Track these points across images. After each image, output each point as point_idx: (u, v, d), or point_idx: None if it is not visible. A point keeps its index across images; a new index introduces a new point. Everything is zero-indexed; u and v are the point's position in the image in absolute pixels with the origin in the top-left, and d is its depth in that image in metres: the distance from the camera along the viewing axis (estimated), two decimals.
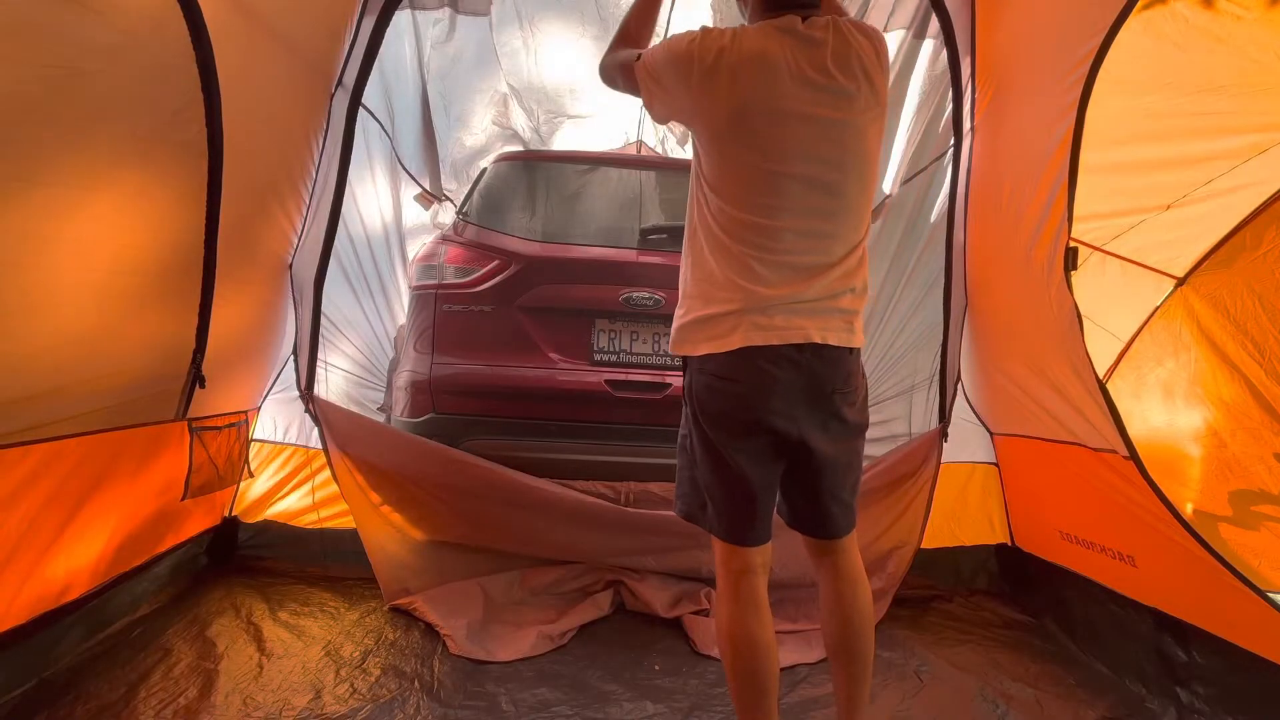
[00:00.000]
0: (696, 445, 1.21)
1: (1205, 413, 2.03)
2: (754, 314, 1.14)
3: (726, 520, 1.19)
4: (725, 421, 1.16)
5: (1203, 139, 1.83)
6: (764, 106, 1.13)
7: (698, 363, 1.19)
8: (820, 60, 1.15)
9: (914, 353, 2.62)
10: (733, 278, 1.15)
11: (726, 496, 1.19)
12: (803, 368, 1.15)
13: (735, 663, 1.16)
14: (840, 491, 1.25)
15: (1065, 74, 1.74)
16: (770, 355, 1.13)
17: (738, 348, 1.13)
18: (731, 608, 1.17)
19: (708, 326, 1.17)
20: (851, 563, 1.27)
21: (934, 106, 2.55)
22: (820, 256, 1.17)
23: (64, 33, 1.15)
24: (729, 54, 1.14)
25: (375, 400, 2.61)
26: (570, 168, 2.40)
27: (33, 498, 1.37)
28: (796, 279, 1.15)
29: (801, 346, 1.14)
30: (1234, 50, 1.62)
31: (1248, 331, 1.95)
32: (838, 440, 1.21)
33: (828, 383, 1.18)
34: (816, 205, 1.16)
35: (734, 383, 1.15)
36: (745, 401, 1.15)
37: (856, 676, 1.24)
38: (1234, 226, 2.00)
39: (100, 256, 1.41)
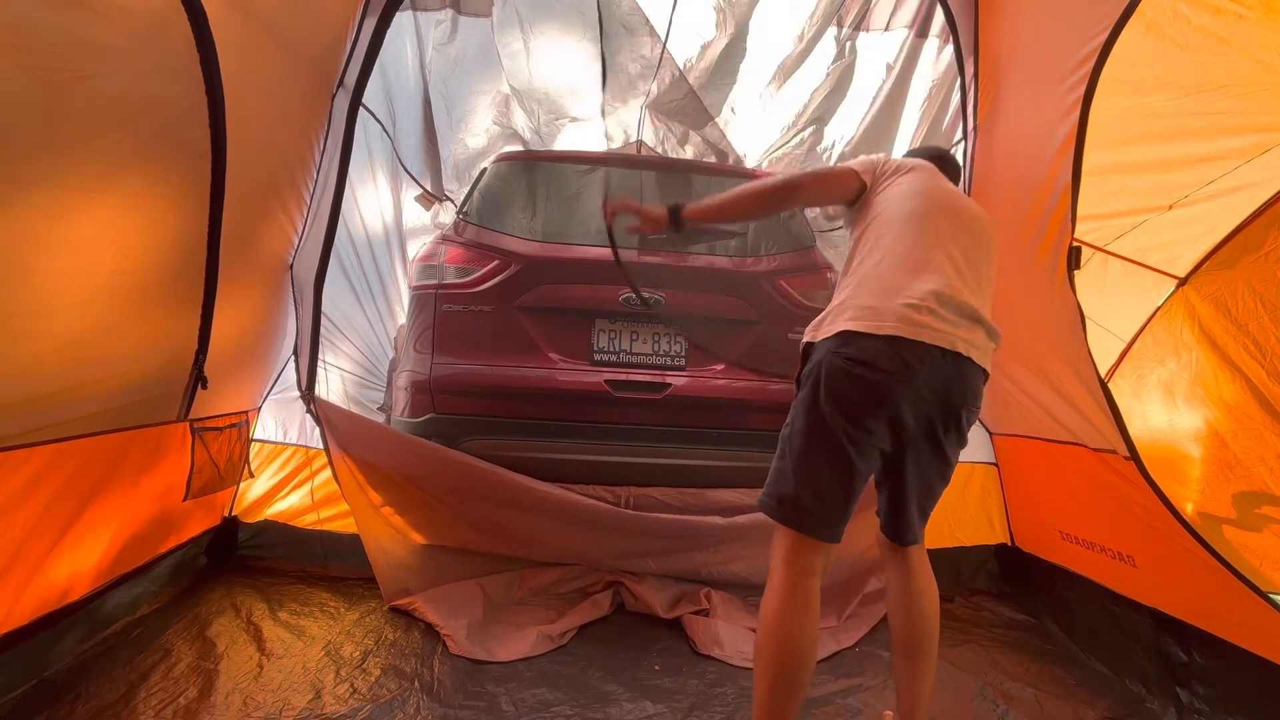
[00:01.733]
0: (804, 430, 1.20)
1: (1206, 413, 2.03)
2: (915, 312, 1.19)
3: (814, 513, 1.19)
4: (853, 406, 1.17)
5: (1205, 139, 1.82)
6: None
7: (833, 343, 1.20)
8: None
9: None
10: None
11: (827, 485, 1.19)
12: (944, 372, 1.21)
13: (780, 656, 1.14)
14: (926, 502, 1.32)
15: (1068, 74, 1.73)
16: (917, 351, 1.17)
17: (888, 334, 1.16)
18: (787, 604, 1.16)
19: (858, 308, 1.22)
20: (922, 560, 1.35)
21: (937, 105, 2.55)
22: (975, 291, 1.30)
23: (68, 35, 1.15)
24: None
25: (375, 400, 2.61)
26: (570, 168, 2.40)
27: (36, 500, 1.38)
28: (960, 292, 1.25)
29: (946, 352, 1.20)
30: (1237, 50, 1.62)
31: (1249, 332, 1.94)
32: (948, 452, 1.28)
33: (960, 395, 1.24)
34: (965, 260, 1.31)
35: (874, 368, 1.16)
36: (882, 389, 1.17)
37: (924, 671, 1.32)
38: (1235, 226, 2.00)
39: (103, 258, 1.41)
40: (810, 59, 2.76)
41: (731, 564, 2.13)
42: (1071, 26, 1.76)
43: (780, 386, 2.11)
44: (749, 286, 2.15)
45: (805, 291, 2.18)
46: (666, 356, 2.12)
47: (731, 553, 2.11)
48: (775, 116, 2.89)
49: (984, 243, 1.37)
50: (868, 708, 1.62)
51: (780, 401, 2.10)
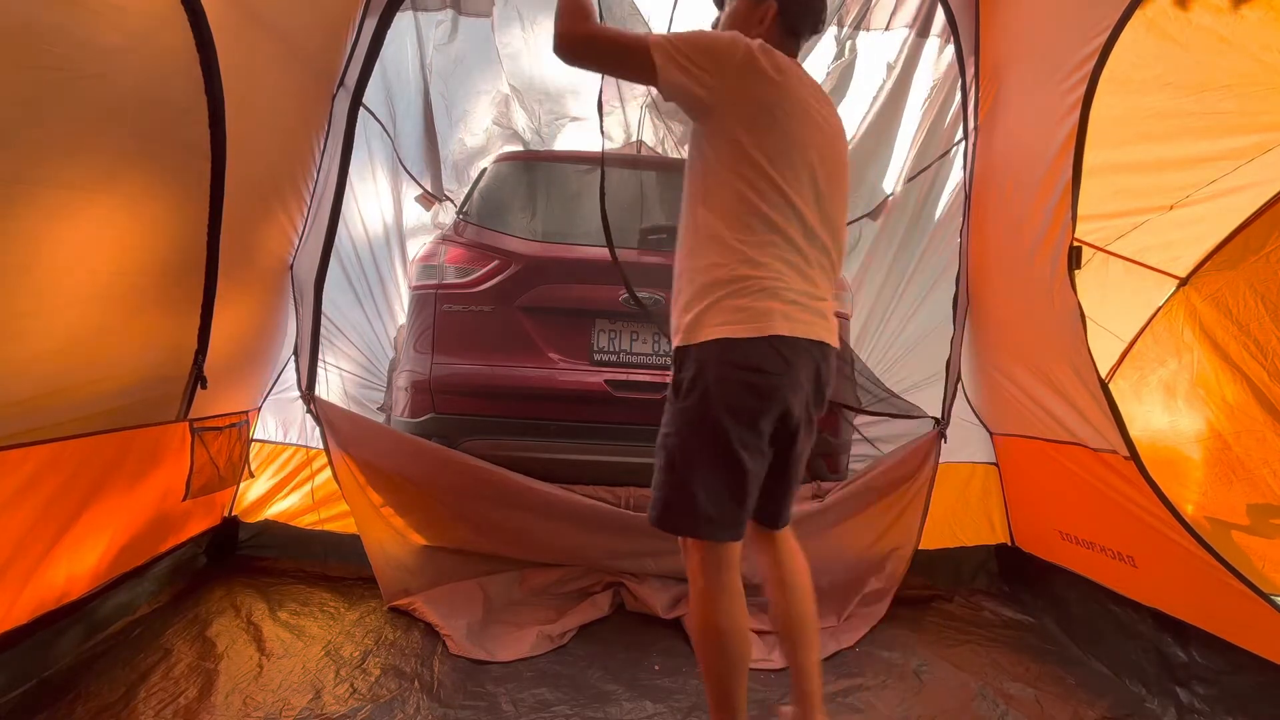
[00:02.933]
0: (696, 440, 1.17)
1: (1208, 414, 2.03)
2: (785, 305, 1.17)
3: (716, 520, 1.18)
4: (745, 412, 1.16)
5: (1206, 139, 1.82)
6: (801, 102, 1.22)
7: (717, 349, 1.16)
8: (819, 93, 1.31)
9: (914, 352, 2.63)
10: (761, 261, 1.17)
11: (727, 492, 1.18)
12: (815, 362, 1.22)
13: (728, 651, 1.17)
14: (795, 484, 1.33)
15: (1068, 74, 1.73)
16: (795, 346, 1.17)
17: (769, 335, 1.14)
18: (723, 602, 1.17)
19: (730, 310, 1.17)
20: (791, 539, 1.36)
21: (938, 105, 2.55)
22: (824, 258, 1.25)
23: (67, 34, 1.15)
24: (769, 57, 1.22)
25: (375, 400, 2.61)
26: (570, 168, 2.39)
27: (35, 499, 1.37)
28: (814, 276, 1.22)
29: (815, 342, 1.20)
30: (1238, 49, 1.61)
31: (1250, 332, 1.94)
32: (812, 427, 1.29)
33: (826, 377, 1.26)
34: (819, 212, 1.24)
35: (762, 372, 1.15)
36: (772, 391, 1.17)
37: (813, 653, 1.32)
38: (1237, 226, 1.99)
39: (103, 258, 1.41)
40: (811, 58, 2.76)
41: None
42: (1072, 26, 1.75)
43: None
44: None
45: None
46: (667, 356, 2.11)
47: None
48: None
49: (833, 176, 1.27)
50: (868, 707, 1.62)
51: None
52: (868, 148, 2.78)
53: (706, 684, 1.20)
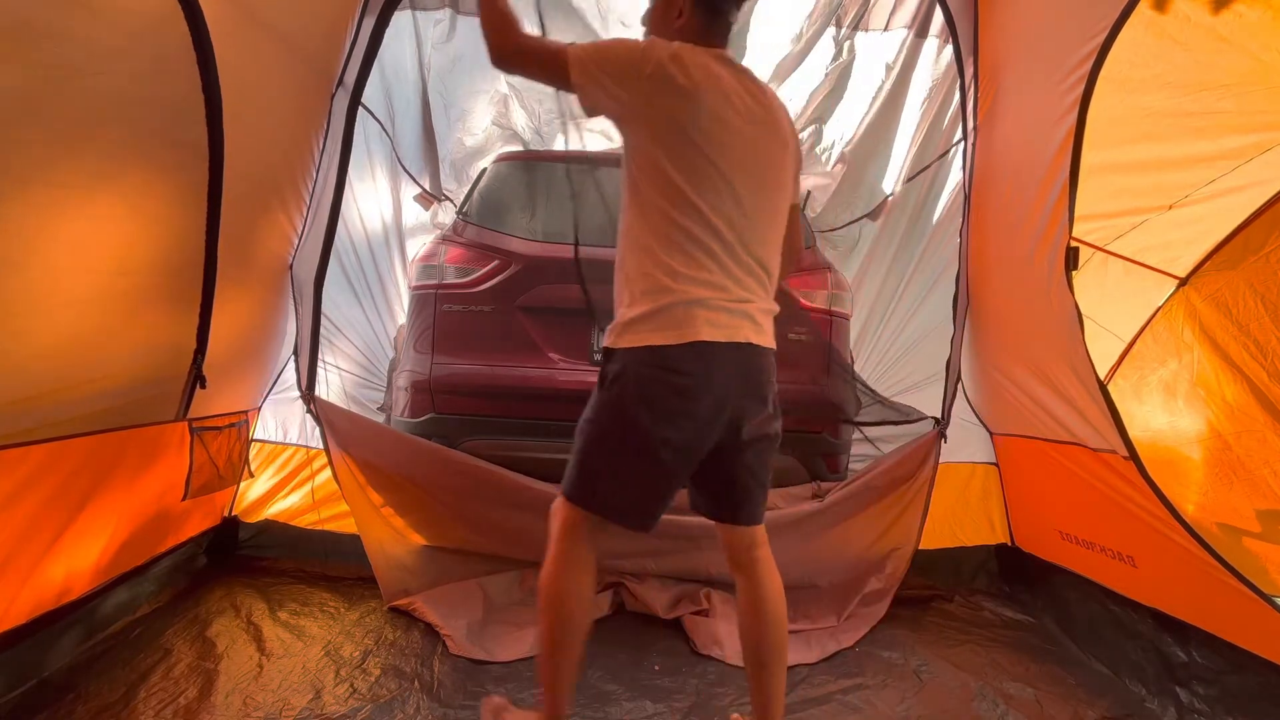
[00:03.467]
0: (615, 432, 1.22)
1: (1208, 414, 2.03)
2: (707, 310, 1.18)
3: (619, 509, 1.23)
4: (662, 408, 1.19)
5: (1205, 138, 1.82)
6: (714, 113, 1.19)
7: (642, 353, 1.20)
8: (752, 88, 1.26)
9: (914, 352, 2.63)
10: (684, 273, 1.18)
11: (632, 480, 1.22)
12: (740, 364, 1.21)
13: (563, 613, 1.23)
14: (761, 477, 1.31)
15: (1067, 74, 1.73)
16: (716, 350, 1.19)
17: (690, 341, 1.17)
18: (574, 571, 1.23)
19: (656, 319, 1.20)
20: (768, 560, 1.32)
21: (937, 105, 2.55)
22: (751, 270, 1.24)
23: (65, 33, 1.14)
24: (680, 61, 1.19)
25: (375, 400, 2.61)
26: (570, 168, 2.39)
27: (33, 499, 1.37)
28: (742, 281, 1.22)
29: (740, 344, 1.21)
30: (1237, 49, 1.61)
31: (1250, 332, 1.94)
32: (762, 426, 1.27)
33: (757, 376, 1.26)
34: (742, 226, 1.22)
35: (681, 373, 1.18)
36: (691, 392, 1.18)
37: (778, 674, 1.29)
38: (1236, 226, 1.99)
39: (101, 257, 1.41)
40: (809, 59, 2.76)
41: None
42: (1070, 26, 1.75)
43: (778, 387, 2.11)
44: None
45: (805, 291, 2.18)
46: None
47: None
48: None
49: (759, 176, 1.25)
50: (868, 706, 1.62)
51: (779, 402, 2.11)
52: (867, 148, 2.78)
53: (540, 651, 1.25)
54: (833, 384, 2.19)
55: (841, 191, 2.89)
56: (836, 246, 2.97)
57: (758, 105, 1.25)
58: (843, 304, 2.26)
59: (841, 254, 2.93)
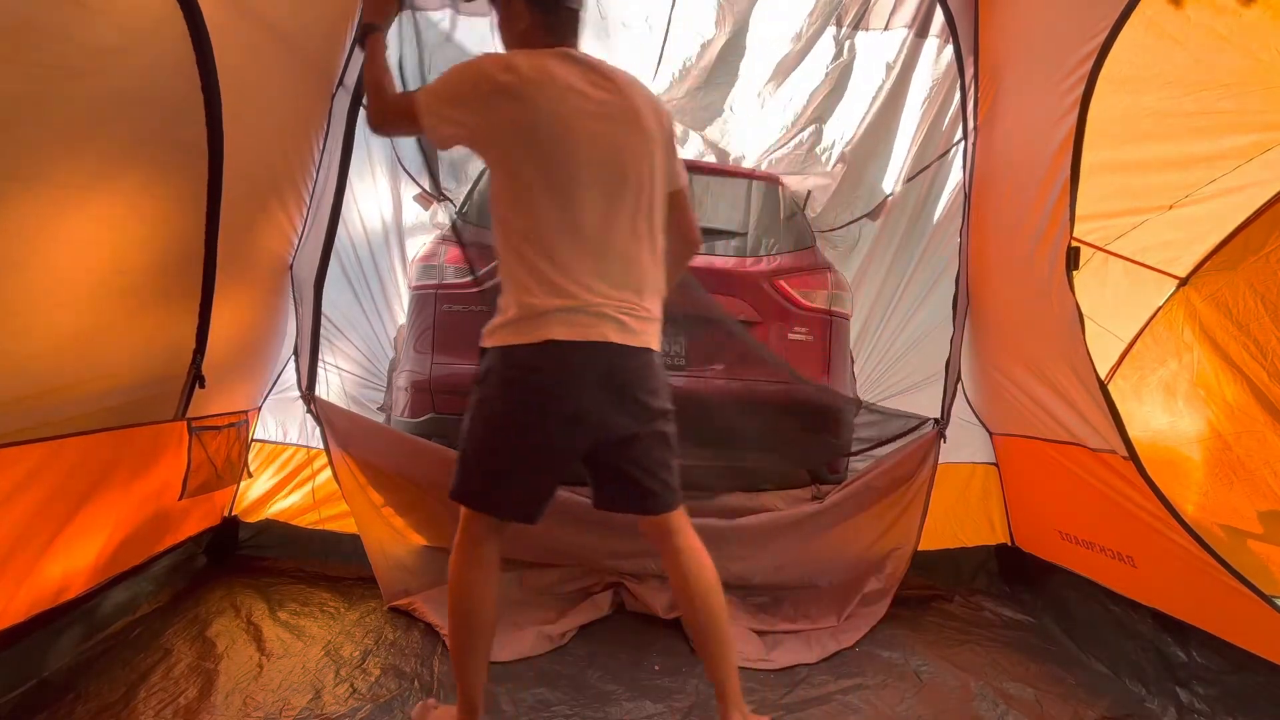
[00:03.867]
0: (484, 427, 1.28)
1: (1208, 414, 2.03)
2: (563, 312, 1.22)
3: (495, 502, 1.30)
4: (522, 405, 1.25)
5: (1206, 138, 1.82)
6: (555, 115, 1.21)
7: (502, 353, 1.25)
8: (602, 82, 1.27)
9: (914, 352, 2.62)
10: (542, 278, 1.22)
11: (501, 473, 1.29)
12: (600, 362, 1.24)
13: (457, 608, 1.30)
14: (657, 471, 1.33)
15: (1067, 73, 1.73)
16: (572, 348, 1.22)
17: (543, 340, 1.21)
18: (471, 568, 1.30)
19: (516, 322, 1.24)
20: (688, 539, 1.34)
21: (937, 105, 2.55)
22: (614, 264, 1.26)
23: (64, 33, 1.14)
24: (514, 68, 1.22)
25: (375, 400, 2.61)
26: None
27: (31, 497, 1.37)
28: (602, 284, 1.24)
29: (601, 344, 1.23)
30: (1237, 48, 1.61)
31: (1250, 333, 1.94)
32: (639, 421, 1.29)
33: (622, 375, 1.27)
34: (604, 211, 1.24)
35: (537, 371, 1.23)
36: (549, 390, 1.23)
37: (723, 651, 1.31)
38: (1236, 226, 1.99)
39: (100, 256, 1.41)
40: (809, 58, 2.75)
41: (731, 564, 2.13)
42: (1071, 26, 1.75)
43: (778, 387, 2.11)
44: (748, 286, 2.15)
45: (805, 291, 2.18)
46: (666, 356, 2.11)
47: (731, 553, 2.11)
48: (774, 116, 2.89)
49: (619, 168, 1.26)
50: (868, 706, 1.62)
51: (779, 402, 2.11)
52: (867, 147, 2.78)
53: (450, 646, 1.34)
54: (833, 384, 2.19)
55: (841, 191, 2.89)
56: (836, 246, 2.96)
57: (610, 98, 1.26)
58: (843, 304, 2.26)
59: (841, 254, 2.93)
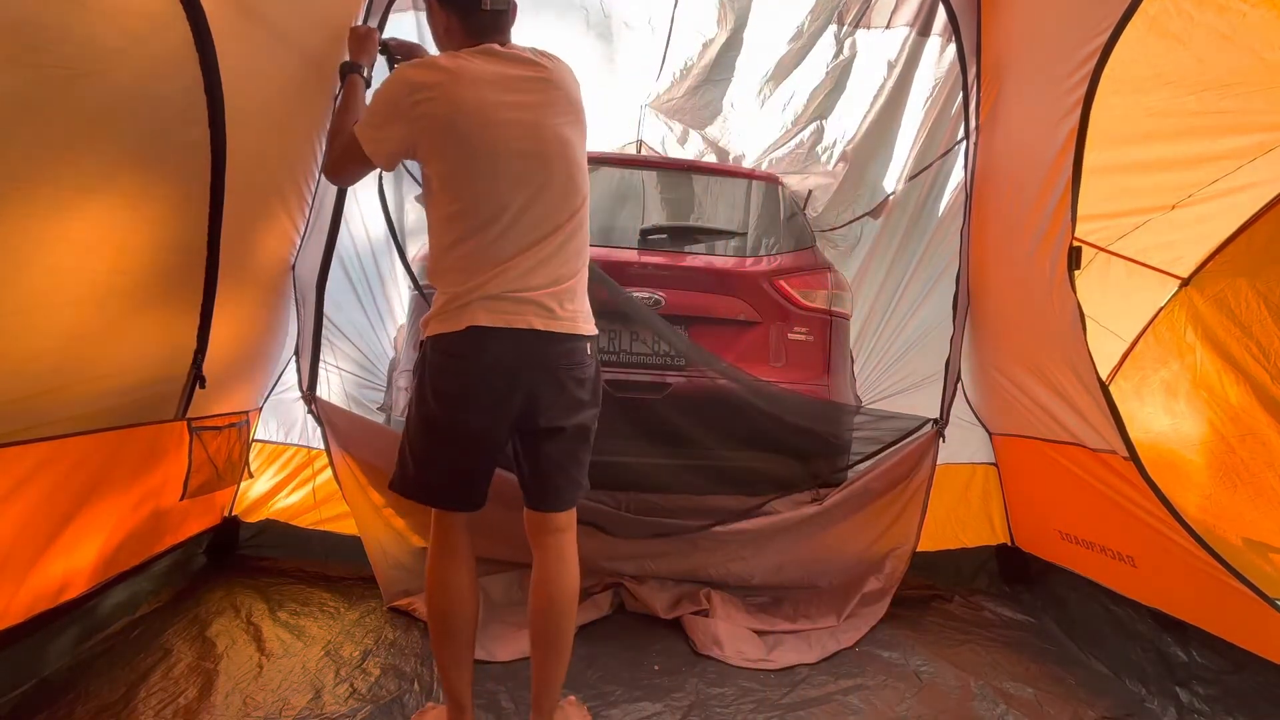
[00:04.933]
0: (419, 419, 1.32)
1: (1210, 416, 2.03)
2: (487, 300, 1.25)
3: (439, 492, 1.34)
4: (449, 393, 1.27)
5: (1208, 138, 1.82)
6: (474, 109, 1.25)
7: (431, 342, 1.29)
8: (522, 71, 1.31)
9: (914, 351, 2.62)
10: (466, 267, 1.26)
11: (437, 464, 1.32)
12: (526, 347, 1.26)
13: (435, 600, 1.33)
14: (568, 468, 1.36)
15: (1069, 73, 1.73)
16: (496, 334, 1.25)
17: (466, 327, 1.24)
18: (443, 560, 1.34)
19: (443, 311, 1.28)
20: (565, 542, 1.39)
21: (940, 104, 2.54)
22: (542, 242, 1.28)
23: (65, 33, 1.14)
24: (431, 71, 1.27)
25: (375, 400, 2.61)
26: None
27: (30, 497, 1.37)
28: (528, 275, 1.27)
29: (525, 330, 1.25)
30: (1240, 47, 1.61)
31: (1252, 334, 1.94)
32: (564, 412, 1.31)
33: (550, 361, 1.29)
34: (526, 198, 1.27)
35: (460, 357, 1.26)
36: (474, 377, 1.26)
37: (554, 658, 1.34)
38: (1239, 226, 1.99)
39: (102, 256, 1.41)
40: (810, 56, 2.75)
41: (731, 564, 2.14)
42: (1073, 25, 1.75)
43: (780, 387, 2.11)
44: (748, 286, 2.15)
45: (805, 291, 2.18)
46: (666, 357, 2.11)
47: (731, 553, 2.11)
48: (775, 114, 2.89)
49: (540, 154, 1.30)
50: (868, 706, 1.62)
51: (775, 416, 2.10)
52: (868, 146, 2.78)
53: (431, 642, 1.36)
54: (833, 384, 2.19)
55: (843, 190, 2.89)
56: (837, 245, 2.96)
57: (530, 86, 1.30)
58: (843, 304, 2.26)
59: (841, 253, 2.93)
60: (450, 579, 1.33)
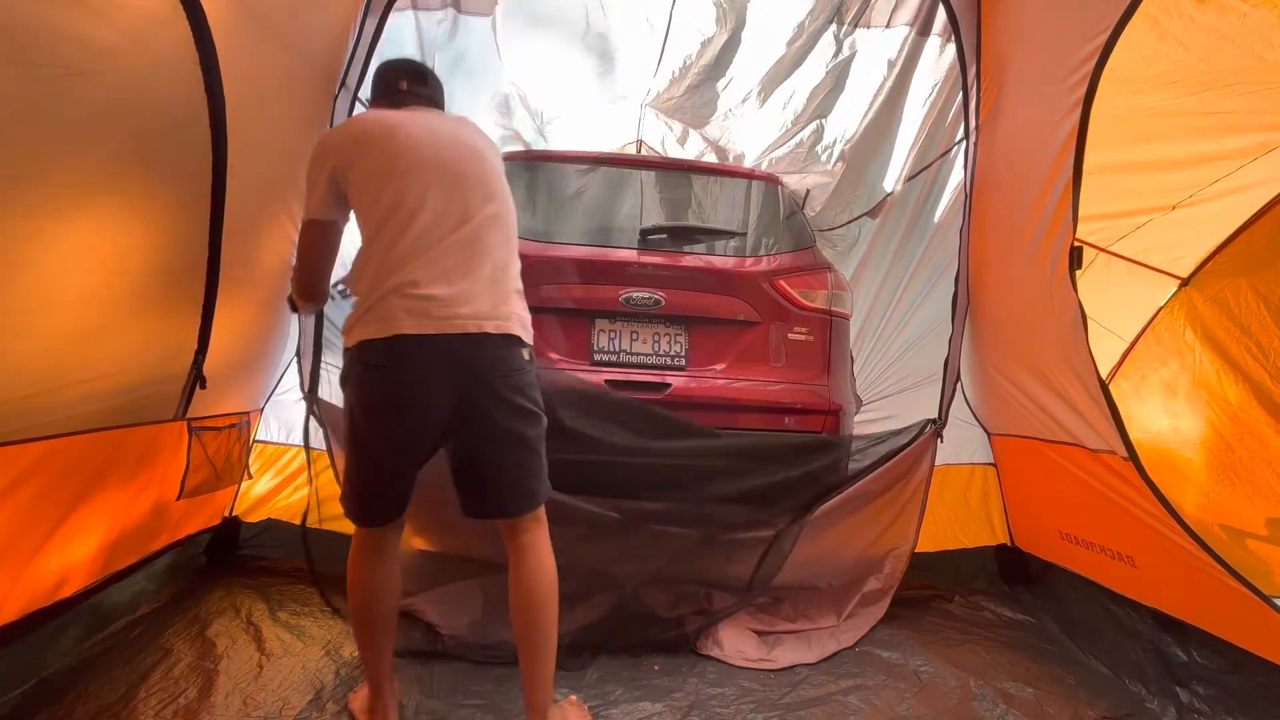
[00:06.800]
0: (346, 435, 1.35)
1: (1209, 415, 2.03)
2: (409, 303, 1.27)
3: (353, 500, 1.38)
4: (372, 405, 1.30)
5: (1208, 138, 1.82)
6: (380, 144, 1.34)
7: (355, 351, 1.30)
8: (430, 120, 1.41)
9: (913, 351, 2.62)
10: (385, 269, 1.30)
11: (359, 477, 1.36)
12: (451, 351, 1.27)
13: (354, 596, 1.38)
14: (510, 474, 1.35)
15: (1070, 73, 1.73)
16: (420, 341, 1.26)
17: (390, 335, 1.25)
18: (361, 566, 1.38)
19: (364, 317, 1.30)
20: (535, 542, 1.38)
21: (940, 104, 2.54)
22: (463, 244, 1.33)
23: (65, 33, 1.14)
24: (351, 123, 1.40)
25: None
26: (570, 167, 2.39)
27: (27, 495, 1.37)
28: (450, 283, 1.29)
29: (450, 335, 1.26)
30: (1240, 48, 1.61)
31: (1252, 333, 1.94)
32: (496, 417, 1.31)
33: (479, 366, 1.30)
34: (434, 201, 1.32)
35: (382, 367, 1.27)
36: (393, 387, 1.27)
37: (539, 655, 1.35)
38: (1239, 227, 1.99)
39: (102, 257, 1.41)
40: (810, 56, 2.75)
41: (732, 565, 2.13)
42: (1073, 25, 1.75)
43: (780, 387, 2.11)
44: (748, 286, 2.15)
45: (805, 291, 2.17)
46: (666, 356, 2.11)
47: (732, 554, 2.11)
48: (775, 114, 2.89)
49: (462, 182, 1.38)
50: (868, 706, 1.62)
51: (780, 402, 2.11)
52: (868, 145, 2.78)
53: (352, 626, 1.43)
54: (833, 384, 2.19)
55: (841, 189, 2.89)
56: (836, 245, 2.96)
57: (439, 118, 1.44)
58: (843, 304, 2.26)
59: (840, 253, 2.93)
60: (371, 579, 1.38)
